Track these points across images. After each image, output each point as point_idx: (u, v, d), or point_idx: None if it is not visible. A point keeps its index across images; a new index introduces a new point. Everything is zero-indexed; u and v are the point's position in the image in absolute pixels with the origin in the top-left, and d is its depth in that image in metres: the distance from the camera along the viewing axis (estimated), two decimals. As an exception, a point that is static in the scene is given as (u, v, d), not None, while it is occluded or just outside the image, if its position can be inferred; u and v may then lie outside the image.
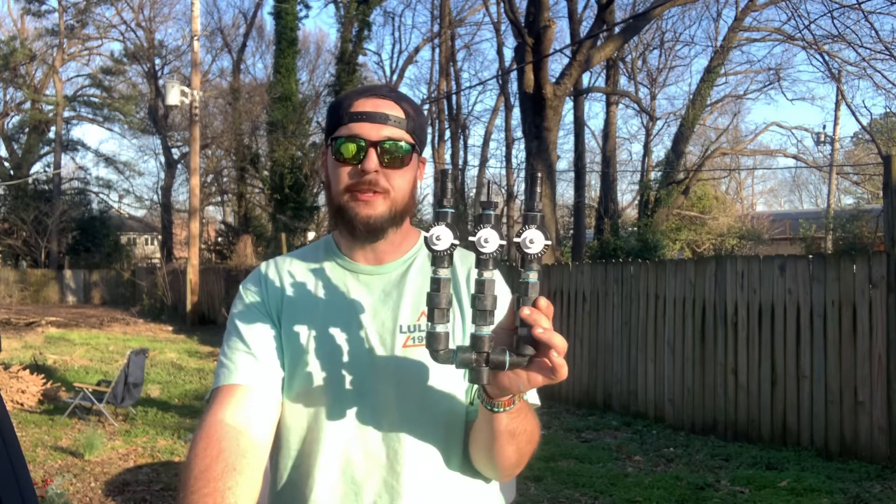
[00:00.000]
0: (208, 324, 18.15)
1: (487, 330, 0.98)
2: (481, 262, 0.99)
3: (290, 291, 1.27)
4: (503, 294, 1.17)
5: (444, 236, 0.99)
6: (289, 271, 1.29)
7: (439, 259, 1.00)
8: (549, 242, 0.96)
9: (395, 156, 1.20)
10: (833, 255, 6.36)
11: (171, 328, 17.62)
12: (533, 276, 0.96)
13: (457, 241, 1.01)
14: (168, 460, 5.77)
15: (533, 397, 1.24)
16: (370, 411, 1.19)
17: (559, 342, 0.95)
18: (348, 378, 1.20)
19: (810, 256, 6.26)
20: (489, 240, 0.97)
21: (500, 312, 1.03)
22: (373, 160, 1.18)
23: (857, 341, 5.62)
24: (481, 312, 0.98)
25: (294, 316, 1.24)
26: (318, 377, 1.20)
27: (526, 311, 0.95)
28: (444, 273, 1.00)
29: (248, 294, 1.28)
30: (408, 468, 1.18)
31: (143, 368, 7.36)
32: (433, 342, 1.01)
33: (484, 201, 1.01)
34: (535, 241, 0.96)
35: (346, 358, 1.21)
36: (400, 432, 1.19)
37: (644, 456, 5.96)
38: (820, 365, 5.81)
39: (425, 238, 1.00)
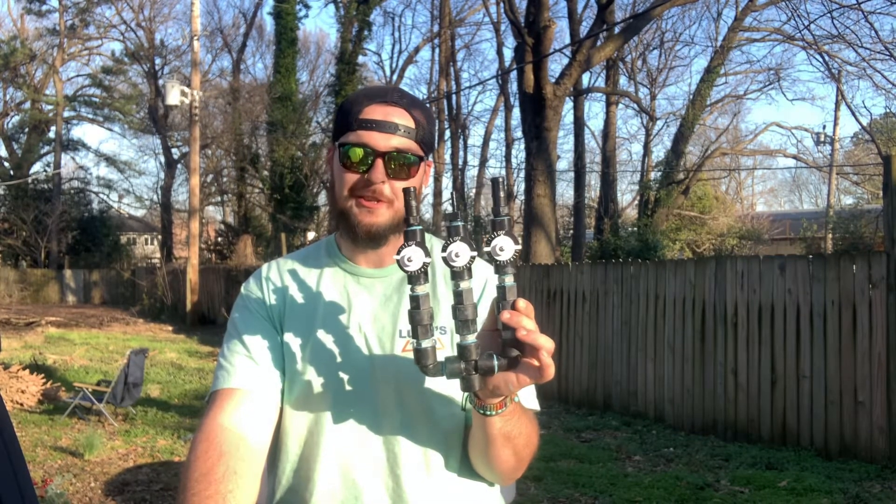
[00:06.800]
0: (208, 324, 18.15)
1: (472, 338, 0.99)
2: (455, 275, 1.00)
3: (291, 295, 1.26)
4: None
5: (414, 257, 1.00)
6: (290, 274, 1.29)
7: (415, 278, 1.01)
8: (519, 247, 0.97)
9: (402, 166, 1.19)
10: (833, 255, 6.36)
11: (170, 328, 17.62)
12: (509, 280, 0.97)
13: (428, 260, 1.01)
14: (168, 460, 5.77)
15: (533, 402, 1.24)
16: (370, 415, 1.19)
17: (545, 342, 0.95)
18: (348, 382, 1.20)
19: (810, 256, 6.26)
20: (460, 253, 0.98)
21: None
22: (380, 171, 1.18)
23: (857, 341, 5.62)
24: (463, 322, 0.99)
25: (295, 319, 1.24)
26: (318, 381, 1.20)
27: (506, 315, 0.95)
28: (421, 290, 1.01)
29: (249, 297, 1.28)
30: (408, 472, 1.19)
31: (143, 368, 7.36)
32: (421, 358, 1.02)
33: (450, 213, 1.01)
34: (504, 248, 0.96)
35: (346, 362, 1.21)
36: (400, 436, 1.19)
37: (644, 456, 5.96)
38: (820, 365, 5.81)
39: (397, 261, 1.01)
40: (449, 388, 1.20)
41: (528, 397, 1.23)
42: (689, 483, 5.08)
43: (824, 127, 27.15)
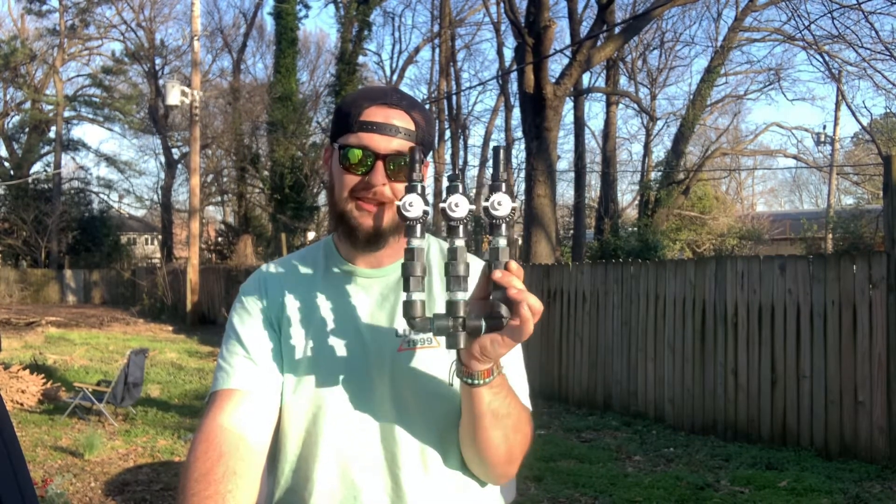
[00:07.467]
0: (208, 324, 18.15)
1: (463, 295, 1.01)
2: (452, 230, 1.01)
3: (289, 295, 1.26)
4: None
5: (415, 204, 1.02)
6: (288, 274, 1.29)
7: (411, 228, 1.03)
8: (516, 205, 0.99)
9: (402, 168, 1.19)
10: (833, 255, 6.36)
11: (171, 328, 17.62)
12: (502, 242, 0.99)
13: (428, 209, 1.03)
14: (168, 460, 5.78)
15: (525, 402, 1.23)
16: (368, 415, 1.20)
17: (534, 301, 0.97)
18: (346, 382, 1.20)
19: (810, 256, 6.26)
20: (459, 204, 1.00)
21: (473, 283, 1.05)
22: (380, 173, 1.18)
23: (857, 341, 5.62)
24: (455, 278, 1.00)
25: (293, 320, 1.24)
26: (316, 382, 1.20)
27: (498, 274, 0.97)
28: (417, 243, 1.03)
29: (248, 298, 1.28)
30: (406, 471, 1.19)
31: (143, 368, 7.36)
32: (409, 310, 1.03)
33: (450, 175, 1.04)
34: (502, 202, 0.99)
35: (343, 362, 1.21)
36: (397, 435, 1.19)
37: (644, 456, 5.96)
38: (820, 365, 5.81)
39: (397, 206, 1.02)
40: (446, 388, 1.20)
41: (521, 395, 1.22)
42: (689, 483, 5.08)
43: (824, 127, 27.16)
